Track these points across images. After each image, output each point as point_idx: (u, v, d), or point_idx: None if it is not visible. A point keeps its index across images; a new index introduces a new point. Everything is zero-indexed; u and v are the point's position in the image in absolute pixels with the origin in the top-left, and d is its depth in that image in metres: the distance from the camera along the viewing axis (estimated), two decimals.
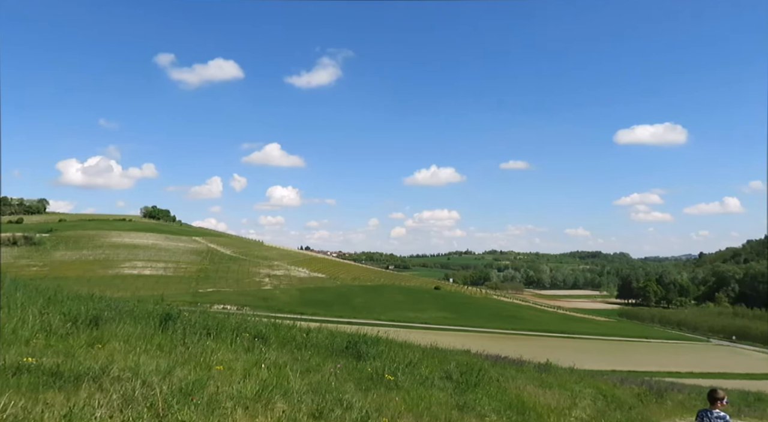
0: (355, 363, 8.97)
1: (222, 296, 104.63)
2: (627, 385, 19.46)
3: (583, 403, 13.14)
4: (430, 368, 10.57)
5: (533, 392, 12.06)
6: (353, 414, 5.85)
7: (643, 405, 15.54)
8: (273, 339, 9.38)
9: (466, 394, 9.18)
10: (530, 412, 9.90)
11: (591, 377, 20.36)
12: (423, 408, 7.17)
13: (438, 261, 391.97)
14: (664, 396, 17.86)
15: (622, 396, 16.55)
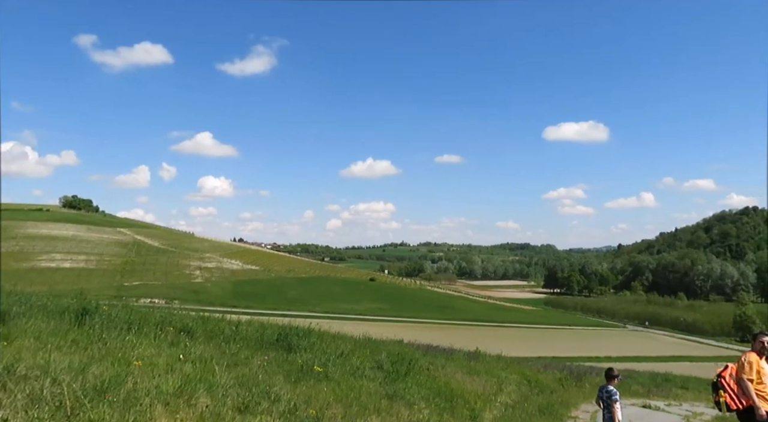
0: (285, 356, 8.87)
1: (149, 290, 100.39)
2: (550, 371, 20.42)
3: (508, 389, 13.69)
4: (361, 359, 10.62)
5: (462, 379, 12.42)
6: (281, 406, 5.79)
7: (563, 388, 16.38)
8: (200, 333, 9.10)
9: (396, 383, 9.30)
10: (458, 399, 10.19)
11: (517, 364, 21.24)
12: (352, 398, 7.20)
13: (373, 253, 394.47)
14: (583, 379, 18.90)
15: (545, 381, 17.37)
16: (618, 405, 7.65)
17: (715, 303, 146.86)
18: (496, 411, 10.75)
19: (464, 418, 9.31)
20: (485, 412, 10.29)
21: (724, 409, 6.76)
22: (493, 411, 10.69)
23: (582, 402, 13.29)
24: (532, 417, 9.97)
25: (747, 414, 6.58)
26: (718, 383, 6.77)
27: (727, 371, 6.81)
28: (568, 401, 12.88)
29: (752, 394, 6.53)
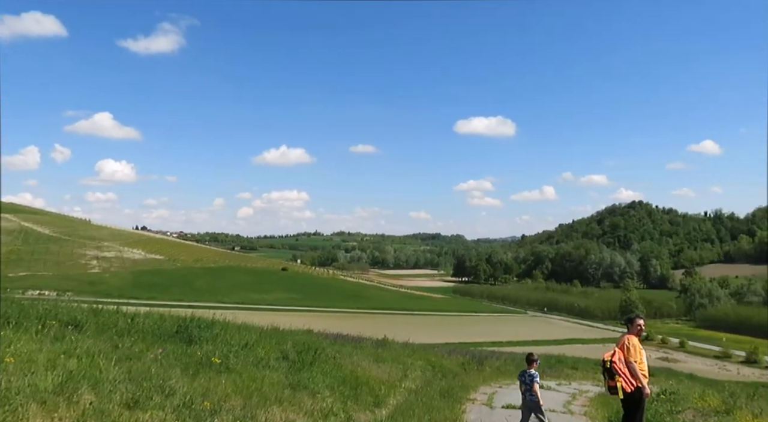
0: (185, 348, 8.55)
1: (38, 281, 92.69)
2: (454, 356, 21.22)
3: (413, 374, 14.08)
4: (266, 349, 10.46)
5: (368, 367, 12.60)
6: (175, 400, 5.57)
7: (465, 372, 17.10)
8: (90, 326, 8.54)
9: (301, 373, 9.27)
10: (363, 386, 10.33)
11: (423, 350, 21.88)
12: (254, 390, 7.09)
13: (286, 242, 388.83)
14: (484, 363, 19.84)
15: (449, 365, 18.05)
16: (538, 386, 8.05)
17: (605, 289, 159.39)
18: (400, 396, 11.02)
19: (368, 405, 9.46)
20: (389, 398, 10.52)
21: (620, 393, 7.01)
22: (397, 396, 10.94)
23: (481, 385, 13.95)
24: (433, 400, 10.33)
25: (635, 394, 7.07)
26: (612, 368, 7.04)
27: (615, 355, 7.12)
28: (469, 384, 13.46)
29: (640, 376, 7.07)
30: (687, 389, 14.81)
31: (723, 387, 17.46)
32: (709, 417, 10.17)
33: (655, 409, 10.07)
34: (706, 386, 18.09)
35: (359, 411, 9.03)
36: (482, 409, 10.31)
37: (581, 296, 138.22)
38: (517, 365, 23.05)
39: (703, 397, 12.48)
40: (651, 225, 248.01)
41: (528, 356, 8.36)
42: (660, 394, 12.29)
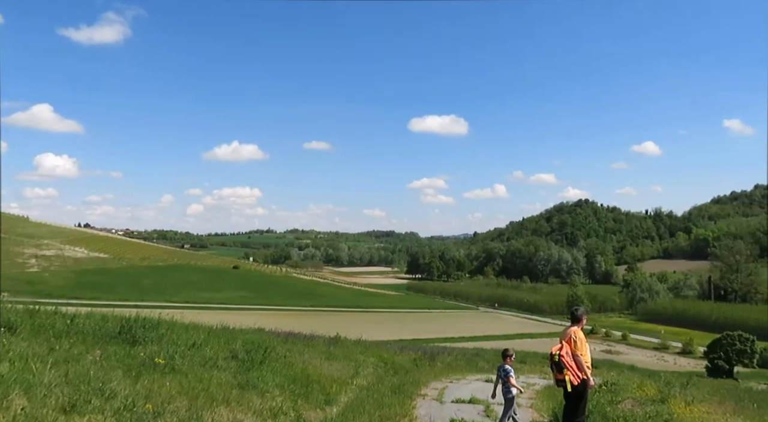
0: (128, 349, 8.27)
1: None
2: (406, 352, 21.40)
3: (365, 371, 14.12)
4: (215, 349, 10.27)
5: (320, 365, 12.55)
6: (115, 403, 5.39)
7: (417, 368, 17.28)
8: (24, 328, 8.13)
9: (251, 372, 9.14)
10: (314, 384, 10.29)
11: (376, 347, 21.96)
12: (200, 390, 6.94)
13: (238, 240, 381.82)
14: (436, 359, 20.11)
15: (401, 362, 18.20)
16: (513, 380, 8.19)
17: (553, 285, 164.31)
18: (352, 393, 11.03)
19: (319, 403, 9.43)
20: (341, 396, 10.52)
21: (568, 386, 7.19)
22: (349, 394, 10.95)
23: (432, 381, 14.13)
24: (384, 396, 10.39)
25: (580, 386, 7.31)
26: (561, 362, 7.21)
27: (563, 349, 7.29)
28: (420, 380, 13.61)
29: (586, 368, 7.31)
30: (627, 380, 15.48)
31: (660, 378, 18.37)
32: (646, 406, 10.66)
33: (597, 400, 10.46)
34: (645, 376, 18.95)
35: (310, 410, 8.99)
36: (432, 404, 10.45)
37: (530, 292, 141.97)
38: (467, 360, 23.51)
39: (641, 387, 13.09)
40: (596, 223, 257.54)
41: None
42: (602, 385, 12.80)
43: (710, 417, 10.22)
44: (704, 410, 10.99)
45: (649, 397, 11.90)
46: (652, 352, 72.50)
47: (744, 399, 15.17)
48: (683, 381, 16.60)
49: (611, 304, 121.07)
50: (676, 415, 9.85)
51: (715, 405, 12.30)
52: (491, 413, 9.76)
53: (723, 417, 10.56)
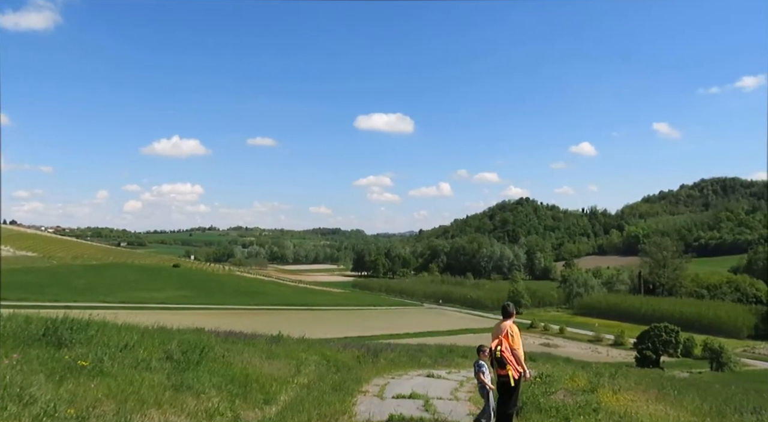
0: (52, 352, 7.86)
1: None
2: (350, 349, 21.40)
3: (307, 370, 14.02)
4: (149, 350, 9.92)
5: (260, 364, 12.37)
6: (35, 409, 5.12)
7: (360, 365, 17.31)
8: None
9: (186, 373, 8.90)
10: (253, 384, 10.13)
11: (319, 345, 21.88)
12: (130, 393, 6.70)
13: (179, 237, 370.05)
14: (379, 356, 20.22)
15: (344, 359, 18.19)
16: (483, 375, 8.16)
17: (495, 281, 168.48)
18: (292, 392, 10.94)
19: (257, 402, 9.30)
20: (280, 394, 10.41)
21: (511, 381, 7.39)
22: (289, 392, 10.86)
23: (375, 377, 14.18)
24: (325, 394, 10.36)
25: (518, 378, 7.55)
26: (503, 358, 7.38)
27: (502, 345, 7.45)
28: (362, 377, 13.64)
29: (523, 362, 7.56)
30: (561, 371, 16.10)
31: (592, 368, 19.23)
32: (577, 396, 11.13)
33: (532, 391, 10.84)
34: (578, 368, 19.77)
35: (248, 410, 8.85)
36: (373, 400, 10.50)
37: (473, 288, 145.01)
38: (410, 356, 23.75)
39: (573, 378, 13.66)
40: (536, 221, 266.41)
41: (478, 348, 8.60)
42: (537, 377, 13.26)
43: (634, 404, 10.78)
44: (629, 398, 11.60)
45: (580, 387, 12.43)
46: (587, 344, 75.69)
47: (666, 386, 16.10)
48: (612, 371, 17.45)
49: (550, 299, 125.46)
50: (604, 404, 10.34)
51: (640, 393, 12.99)
52: (430, 407, 9.92)
53: (645, 404, 11.18)
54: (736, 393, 20.47)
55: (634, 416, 9.66)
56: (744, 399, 17.02)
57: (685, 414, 10.86)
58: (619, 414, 9.69)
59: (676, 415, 10.49)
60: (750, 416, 12.00)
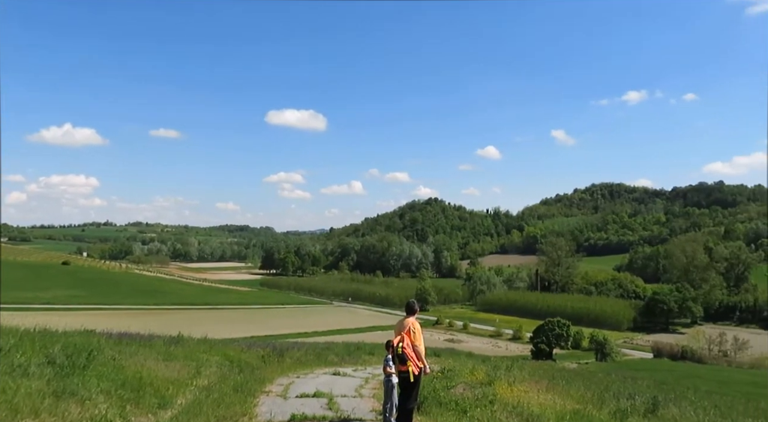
0: None
1: None
2: (254, 349, 20.90)
3: (208, 371, 13.50)
4: (27, 354, 9.09)
5: (156, 367, 11.74)
6: None
7: (265, 365, 16.95)
8: None
9: (70, 378, 8.25)
10: (147, 388, 9.59)
11: (222, 345, 21.16)
12: (2, 402, 6.10)
13: (70, 233, 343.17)
14: (285, 355, 19.92)
15: (248, 359, 17.72)
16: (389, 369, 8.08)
17: (403, 279, 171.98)
18: (190, 395, 10.49)
19: (151, 407, 8.81)
20: (178, 398, 9.94)
21: (411, 377, 7.56)
22: (187, 395, 10.39)
23: (279, 377, 13.95)
24: (226, 396, 10.03)
25: (419, 374, 7.75)
26: (404, 354, 7.55)
27: (404, 341, 7.62)
28: (266, 377, 13.37)
29: (424, 358, 7.76)
30: (462, 366, 16.74)
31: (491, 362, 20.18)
32: (476, 389, 11.64)
33: (433, 386, 11.16)
34: (478, 362, 20.65)
35: (140, 415, 8.37)
36: (276, 400, 10.32)
37: (383, 286, 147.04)
38: (317, 354, 23.63)
39: (473, 372, 14.27)
40: (444, 221, 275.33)
41: (386, 343, 8.58)
42: (439, 372, 13.69)
43: (527, 395, 11.46)
44: (523, 389, 12.31)
45: (479, 381, 13.00)
46: (489, 339, 79.33)
47: (556, 377, 17.28)
48: (509, 364, 18.43)
49: (455, 296, 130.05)
50: (500, 395, 10.89)
51: (533, 384, 13.83)
52: (334, 405, 9.92)
53: (537, 394, 11.92)
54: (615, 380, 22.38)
55: (526, 406, 10.27)
56: (622, 386, 18.65)
57: (571, 402, 11.70)
58: (512, 404, 10.25)
59: (563, 403, 11.27)
60: (626, 401, 13.16)
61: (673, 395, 18.49)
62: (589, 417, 10.00)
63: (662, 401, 13.29)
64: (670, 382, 30.73)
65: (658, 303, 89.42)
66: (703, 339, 65.94)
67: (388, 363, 8.27)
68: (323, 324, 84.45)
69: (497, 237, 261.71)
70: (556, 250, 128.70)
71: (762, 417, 16.15)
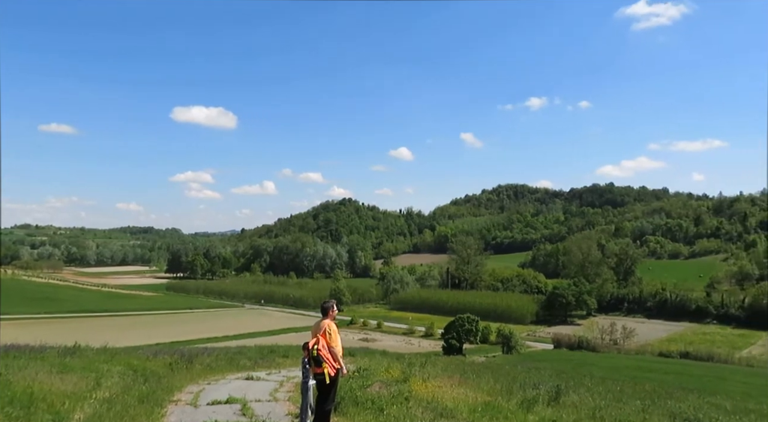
0: None
1: None
2: (161, 357, 19.90)
3: (109, 382, 12.65)
4: None
5: (49, 380, 10.85)
6: None
7: (173, 373, 16.15)
8: None
9: None
10: (39, 403, 8.83)
11: (125, 354, 19.94)
12: None
13: None
14: (194, 361, 19.11)
15: (154, 368, 16.81)
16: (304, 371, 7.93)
17: (317, 280, 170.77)
18: (90, 408, 9.77)
19: None
20: (74, 413, 9.22)
21: (327, 378, 7.52)
22: (86, 409, 9.67)
23: (189, 384, 13.36)
24: (130, 407, 9.43)
25: (335, 375, 7.71)
26: (319, 356, 7.49)
27: (319, 343, 7.58)
28: (174, 385, 12.74)
29: (340, 359, 7.74)
30: (377, 364, 16.92)
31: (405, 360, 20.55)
32: (391, 386, 11.80)
33: (349, 386, 11.18)
34: (393, 360, 20.96)
35: None
36: (185, 409, 9.88)
37: (297, 287, 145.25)
38: (229, 359, 22.88)
39: (388, 370, 14.47)
40: (358, 221, 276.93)
41: (303, 345, 8.35)
42: (355, 372, 13.74)
43: (440, 390, 11.80)
44: (437, 384, 12.65)
45: (394, 378, 13.20)
46: (402, 337, 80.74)
47: (467, 371, 17.93)
48: (422, 360, 18.87)
49: (369, 296, 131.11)
50: (414, 392, 11.12)
51: (446, 379, 14.26)
52: (248, 411, 9.67)
53: (450, 389, 12.31)
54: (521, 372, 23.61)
55: (439, 401, 10.57)
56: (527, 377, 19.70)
57: (482, 395, 12.19)
58: (427, 400, 10.51)
59: (475, 396, 11.72)
60: (531, 390, 13.92)
61: (572, 383, 19.83)
62: (499, 408, 10.46)
63: (563, 389, 14.19)
64: (569, 371, 32.90)
65: (557, 297, 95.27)
66: (597, 329, 71.09)
67: (306, 365, 8.20)
68: (235, 327, 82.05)
69: (410, 236, 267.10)
70: (465, 249, 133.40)
71: (647, 398, 17.72)
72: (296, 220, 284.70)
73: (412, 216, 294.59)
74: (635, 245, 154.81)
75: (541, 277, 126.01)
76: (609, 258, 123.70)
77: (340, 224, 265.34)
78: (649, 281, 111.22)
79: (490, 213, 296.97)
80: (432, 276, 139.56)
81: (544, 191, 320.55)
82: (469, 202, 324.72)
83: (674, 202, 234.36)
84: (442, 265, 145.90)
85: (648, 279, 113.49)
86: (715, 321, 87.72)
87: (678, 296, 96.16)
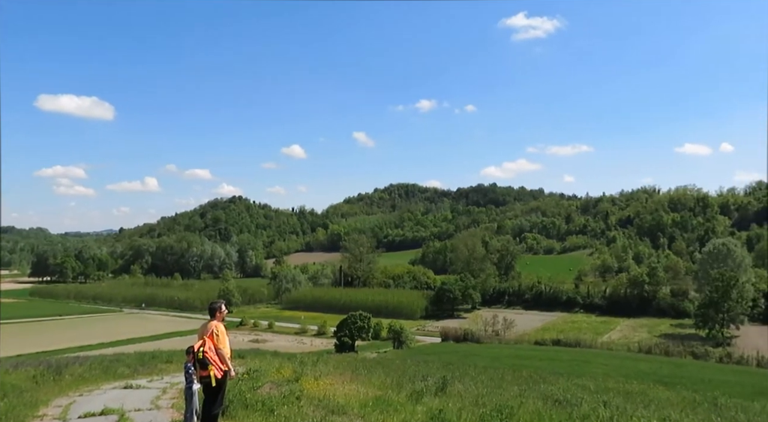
0: None
1: None
2: (23, 369, 18.01)
3: None
4: None
5: None
6: None
7: (38, 386, 14.70)
8: None
9: None
10: None
11: None
12: None
13: None
14: (63, 372, 17.53)
15: (15, 381, 15.19)
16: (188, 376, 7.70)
17: (205, 281, 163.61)
18: None
19: None
20: None
21: (213, 381, 7.27)
22: None
23: (56, 397, 12.21)
24: None
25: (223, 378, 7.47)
26: (205, 359, 7.24)
27: (206, 345, 7.33)
28: (39, 399, 11.59)
29: (228, 360, 7.49)
30: (268, 365, 16.60)
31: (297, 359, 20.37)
32: (282, 386, 11.65)
33: (239, 388, 10.86)
34: (285, 360, 20.67)
35: None
36: None
37: (182, 289, 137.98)
38: (104, 368, 21.18)
39: (279, 370, 14.26)
40: (249, 219, 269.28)
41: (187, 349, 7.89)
42: (245, 374, 13.37)
43: (332, 387, 11.85)
44: (329, 382, 12.69)
45: (285, 378, 13.04)
46: (294, 337, 79.75)
47: (359, 367, 18.18)
48: (314, 359, 18.82)
49: (260, 296, 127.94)
50: (306, 390, 11.07)
51: (338, 376, 14.35)
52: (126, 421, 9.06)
53: (342, 386, 12.40)
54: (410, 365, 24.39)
55: (331, 398, 10.61)
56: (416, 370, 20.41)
57: (373, 390, 12.42)
58: (318, 398, 10.51)
59: (366, 391, 11.91)
60: (420, 383, 14.44)
61: (458, 373, 20.85)
62: (389, 401, 10.72)
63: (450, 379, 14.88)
64: (455, 362, 34.55)
65: (445, 293, 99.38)
66: (480, 321, 75.25)
67: (189, 371, 7.89)
68: (111, 333, 76.25)
69: (303, 235, 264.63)
70: (358, 247, 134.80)
71: (524, 383, 19.14)
72: (182, 219, 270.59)
73: (304, 215, 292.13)
74: (515, 242, 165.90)
75: (430, 273, 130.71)
76: (492, 255, 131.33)
77: (229, 223, 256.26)
78: (527, 275, 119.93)
79: (383, 211, 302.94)
80: (325, 274, 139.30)
81: (434, 190, 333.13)
82: (361, 200, 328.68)
83: (549, 201, 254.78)
84: (335, 264, 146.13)
85: (526, 274, 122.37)
86: (582, 310, 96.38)
87: (551, 288, 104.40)
